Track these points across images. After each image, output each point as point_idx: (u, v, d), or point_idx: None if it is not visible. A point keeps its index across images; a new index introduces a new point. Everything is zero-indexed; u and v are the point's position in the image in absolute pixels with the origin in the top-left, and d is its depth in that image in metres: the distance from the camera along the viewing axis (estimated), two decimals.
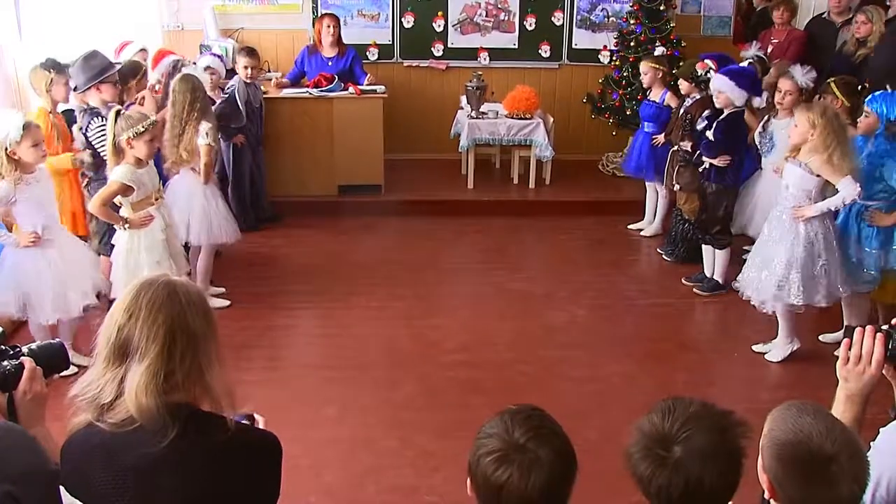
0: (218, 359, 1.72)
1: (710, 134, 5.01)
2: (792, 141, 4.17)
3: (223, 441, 1.66)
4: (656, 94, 6.07)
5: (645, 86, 6.29)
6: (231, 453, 1.68)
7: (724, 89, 4.93)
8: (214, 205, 5.04)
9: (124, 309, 1.66)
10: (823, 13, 6.96)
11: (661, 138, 5.94)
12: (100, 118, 4.63)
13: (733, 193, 5.22)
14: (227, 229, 5.09)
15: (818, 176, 4.07)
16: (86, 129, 4.65)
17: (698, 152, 5.14)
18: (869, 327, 1.88)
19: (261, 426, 1.96)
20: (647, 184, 6.37)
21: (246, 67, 5.95)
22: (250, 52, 6.06)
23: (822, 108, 4.08)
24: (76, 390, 1.66)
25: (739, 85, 4.89)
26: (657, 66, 6.02)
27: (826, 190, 4.15)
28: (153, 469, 1.62)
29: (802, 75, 4.97)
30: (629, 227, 6.49)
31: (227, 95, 5.92)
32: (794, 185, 4.19)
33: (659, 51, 6.35)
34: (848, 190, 4.00)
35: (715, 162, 5.01)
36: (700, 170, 5.15)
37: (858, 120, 4.32)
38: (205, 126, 4.84)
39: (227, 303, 5.06)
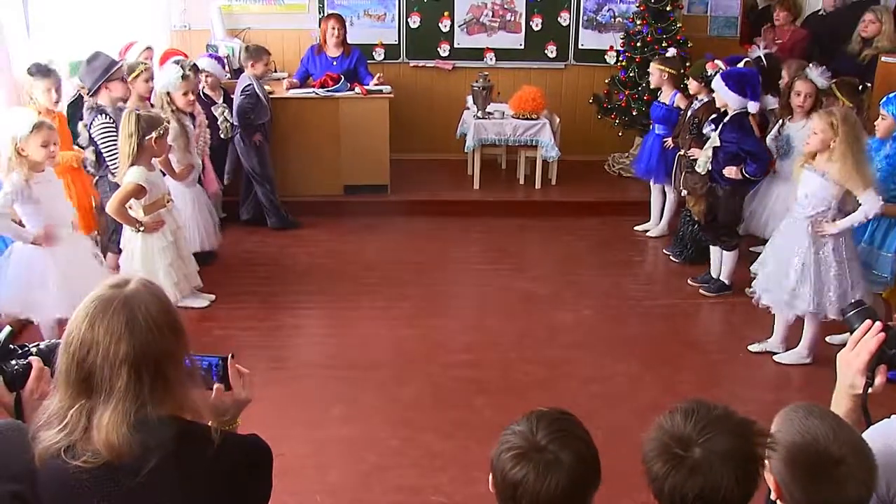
0: (191, 369, 1.64)
1: (715, 135, 4.96)
2: (811, 147, 4.03)
3: (211, 456, 1.58)
4: (666, 96, 6.04)
5: (652, 86, 6.28)
6: (220, 466, 1.61)
7: (716, 90, 4.89)
8: (183, 212, 5.00)
9: (80, 341, 1.52)
10: (819, 10, 6.97)
11: (671, 141, 5.90)
12: (104, 115, 4.66)
13: (742, 195, 5.17)
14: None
15: (838, 185, 3.96)
16: (90, 126, 4.67)
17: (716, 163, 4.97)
18: (878, 324, 1.81)
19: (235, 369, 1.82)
20: (651, 185, 6.36)
21: (267, 65, 6.11)
22: (266, 51, 6.19)
23: (844, 114, 3.96)
24: (40, 421, 1.55)
25: (731, 89, 4.79)
26: (663, 69, 5.98)
27: (846, 199, 4.04)
28: (142, 496, 1.55)
29: (819, 75, 4.90)
30: (635, 228, 6.47)
31: (247, 92, 5.94)
32: (812, 195, 4.06)
33: (671, 52, 6.31)
34: (871, 204, 3.92)
35: (729, 173, 4.89)
36: (710, 172, 5.05)
37: (876, 124, 4.29)
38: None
39: (206, 303, 4.95)
